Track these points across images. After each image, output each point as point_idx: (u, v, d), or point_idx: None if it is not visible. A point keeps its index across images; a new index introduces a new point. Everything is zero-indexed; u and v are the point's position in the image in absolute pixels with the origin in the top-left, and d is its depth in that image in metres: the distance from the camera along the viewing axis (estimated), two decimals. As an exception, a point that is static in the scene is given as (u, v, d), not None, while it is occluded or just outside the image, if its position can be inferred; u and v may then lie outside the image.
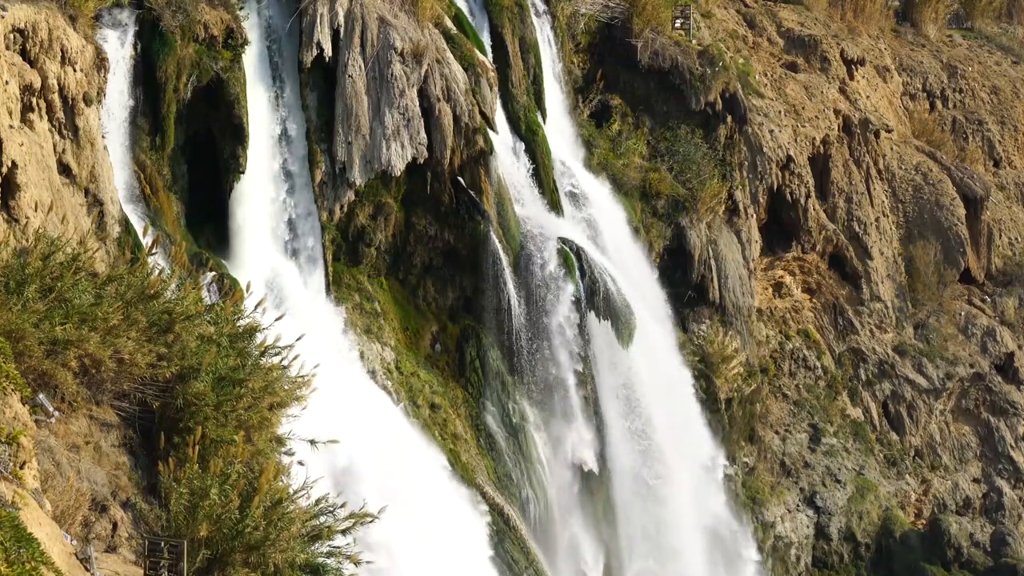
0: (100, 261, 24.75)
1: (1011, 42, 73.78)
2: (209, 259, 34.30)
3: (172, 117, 35.06)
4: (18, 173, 27.13)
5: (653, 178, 48.74)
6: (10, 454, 15.45)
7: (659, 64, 50.16)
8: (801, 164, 54.52)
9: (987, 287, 61.85)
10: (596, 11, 50.52)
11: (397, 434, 37.12)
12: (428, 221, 40.89)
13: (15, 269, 19.77)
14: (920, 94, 66.42)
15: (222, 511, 18.18)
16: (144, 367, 20.21)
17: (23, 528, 13.99)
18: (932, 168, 61.28)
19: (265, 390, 21.10)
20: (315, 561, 19.45)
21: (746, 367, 50.45)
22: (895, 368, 56.69)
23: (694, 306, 49.21)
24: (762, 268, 54.09)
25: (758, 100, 54.13)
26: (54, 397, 19.21)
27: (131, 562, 18.17)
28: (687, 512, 45.07)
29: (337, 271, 39.12)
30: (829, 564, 52.22)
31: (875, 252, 57.26)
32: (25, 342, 18.68)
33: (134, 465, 20.20)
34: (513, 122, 44.29)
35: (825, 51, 60.61)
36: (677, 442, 45.33)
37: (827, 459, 53.11)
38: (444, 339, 41.59)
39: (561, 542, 41.88)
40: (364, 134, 38.58)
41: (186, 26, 34.92)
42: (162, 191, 35.10)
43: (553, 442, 42.33)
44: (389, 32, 39.12)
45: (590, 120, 49.95)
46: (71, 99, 30.36)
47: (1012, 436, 58.01)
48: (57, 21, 29.86)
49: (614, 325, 42.94)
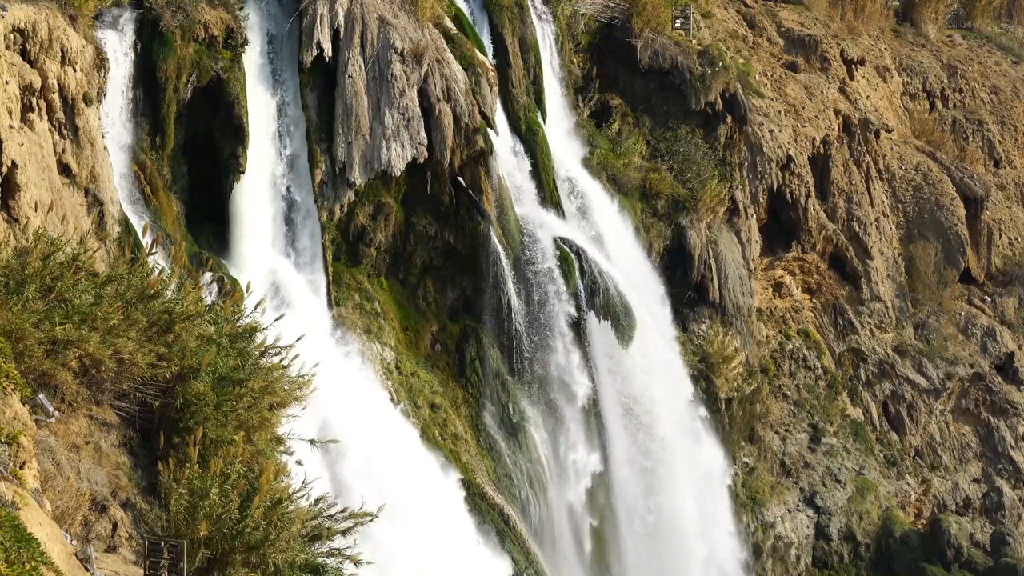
0: (100, 261, 24.72)
1: (1011, 42, 73.77)
2: (209, 259, 34.29)
3: (172, 117, 35.07)
4: (18, 173, 27.12)
5: (653, 178, 48.73)
6: (10, 454, 15.43)
7: (659, 64, 50.16)
8: (801, 164, 54.50)
9: (987, 287, 61.83)
10: (596, 11, 50.50)
11: (396, 433, 37.12)
12: (428, 221, 40.87)
13: (15, 269, 19.75)
14: (920, 94, 66.41)
15: (222, 511, 18.17)
16: (144, 367, 20.20)
17: (23, 528, 13.98)
18: (932, 168, 61.26)
19: (265, 390, 21.09)
20: (315, 561, 19.44)
21: (746, 367, 50.43)
22: (895, 368, 56.67)
23: (694, 306, 49.20)
24: (762, 268, 54.06)
25: (758, 100, 54.11)
26: (54, 397, 19.20)
27: (131, 562, 18.16)
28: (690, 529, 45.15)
29: (337, 271, 39.10)
30: (829, 564, 52.19)
31: (875, 252, 57.23)
32: (25, 342, 18.67)
33: (134, 465, 20.19)
34: (513, 122, 44.26)
35: (825, 51, 60.58)
36: (678, 442, 45.31)
37: (827, 459, 53.08)
38: (444, 339, 41.58)
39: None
40: (364, 134, 38.57)
41: (186, 26, 34.92)
42: (162, 191, 35.10)
43: (553, 442, 42.30)
44: (389, 32, 39.10)
45: (590, 120, 49.93)
46: (71, 99, 30.35)
47: (1012, 436, 57.99)
48: (57, 21, 29.85)
49: (614, 325, 42.93)
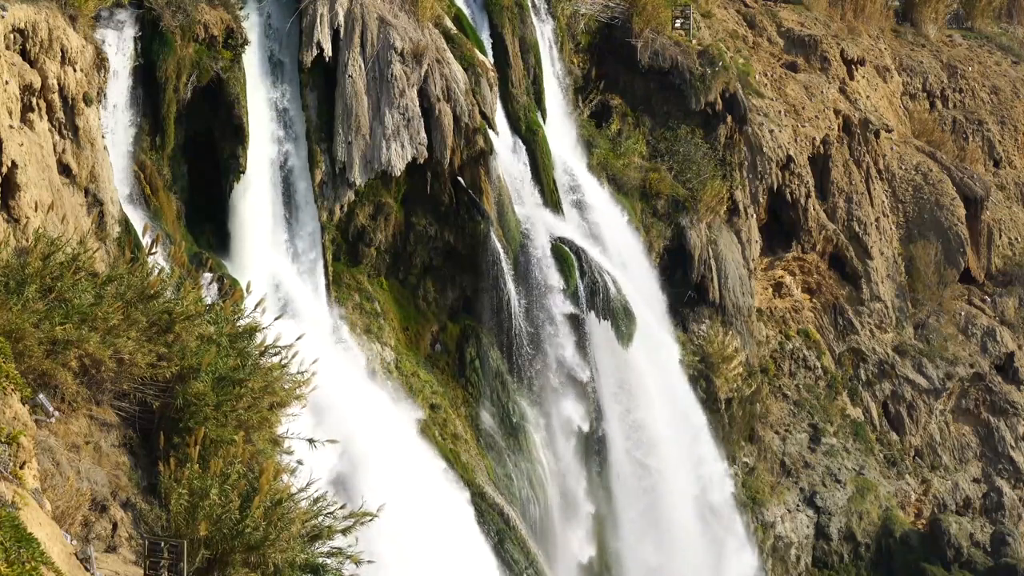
0: (100, 261, 24.71)
1: (1011, 42, 73.78)
2: (209, 259, 34.28)
3: (172, 117, 35.06)
4: (18, 173, 27.11)
5: (653, 178, 48.73)
6: (10, 454, 15.43)
7: (659, 64, 50.16)
8: (801, 164, 54.50)
9: (987, 287, 61.84)
10: (596, 11, 50.50)
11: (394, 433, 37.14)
12: (428, 221, 40.87)
13: (15, 269, 19.73)
14: (920, 94, 66.41)
15: (222, 511, 18.16)
16: (144, 367, 20.18)
17: (23, 528, 13.97)
18: (932, 168, 61.26)
19: (265, 390, 21.07)
20: (315, 561, 19.43)
21: (746, 367, 50.43)
22: (895, 368, 56.67)
23: (694, 306, 49.20)
24: (762, 268, 54.07)
25: (758, 100, 54.11)
26: (54, 397, 19.19)
27: (131, 562, 18.15)
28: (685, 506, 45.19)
29: (337, 271, 39.11)
30: (829, 564, 52.19)
31: (875, 252, 57.24)
32: (25, 342, 18.66)
33: (134, 465, 20.18)
34: (513, 122, 44.25)
35: (825, 51, 60.58)
36: (677, 441, 45.33)
37: (827, 459, 53.08)
38: (444, 339, 41.58)
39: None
40: (364, 134, 38.57)
41: (186, 26, 34.92)
42: (162, 191, 35.10)
43: (553, 442, 42.32)
44: (389, 32, 39.10)
45: (590, 120, 49.92)
46: (71, 99, 30.34)
47: (1012, 436, 58.00)
48: (57, 21, 29.84)
49: (614, 325, 42.93)
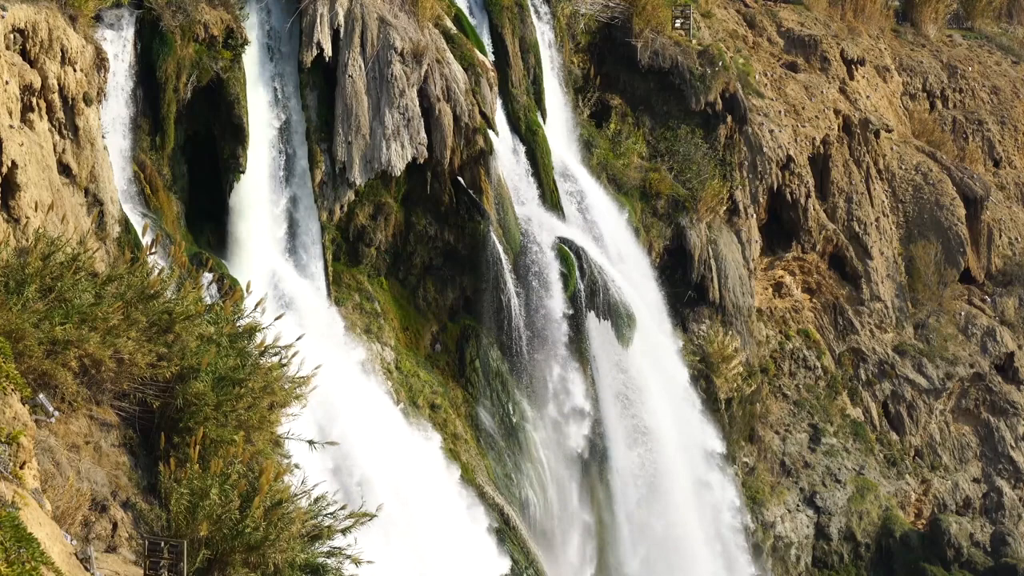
0: (100, 261, 24.71)
1: (1011, 42, 73.69)
2: (209, 259, 34.26)
3: (172, 117, 35.06)
4: (18, 173, 27.12)
5: (653, 178, 48.72)
6: (10, 454, 15.44)
7: (659, 64, 50.14)
8: (801, 164, 54.48)
9: (987, 287, 61.81)
10: (596, 11, 50.48)
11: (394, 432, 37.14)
12: (428, 221, 40.87)
13: (15, 269, 19.72)
14: (920, 94, 66.37)
15: (222, 511, 18.17)
16: (144, 367, 20.17)
17: (23, 528, 13.98)
18: (932, 168, 61.25)
19: (265, 390, 21.07)
20: (315, 561, 19.44)
21: (746, 367, 50.43)
22: (895, 368, 56.67)
23: (694, 306, 49.19)
24: (762, 268, 54.06)
25: (758, 100, 54.10)
26: (54, 397, 19.19)
27: (131, 562, 18.16)
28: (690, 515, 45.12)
29: (337, 271, 39.11)
30: (829, 564, 52.18)
31: (875, 252, 57.23)
32: (25, 342, 18.65)
33: (134, 465, 20.18)
34: (513, 122, 44.25)
35: (825, 51, 60.55)
36: (677, 441, 45.32)
37: (827, 459, 53.08)
38: (444, 339, 41.58)
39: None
40: (364, 134, 38.57)
41: (186, 26, 34.92)
42: (162, 191, 35.10)
43: (553, 442, 42.31)
44: (389, 32, 39.11)
45: (590, 120, 49.90)
46: (71, 99, 30.35)
47: (1012, 436, 57.98)
48: (57, 21, 29.85)
49: (614, 325, 42.92)
